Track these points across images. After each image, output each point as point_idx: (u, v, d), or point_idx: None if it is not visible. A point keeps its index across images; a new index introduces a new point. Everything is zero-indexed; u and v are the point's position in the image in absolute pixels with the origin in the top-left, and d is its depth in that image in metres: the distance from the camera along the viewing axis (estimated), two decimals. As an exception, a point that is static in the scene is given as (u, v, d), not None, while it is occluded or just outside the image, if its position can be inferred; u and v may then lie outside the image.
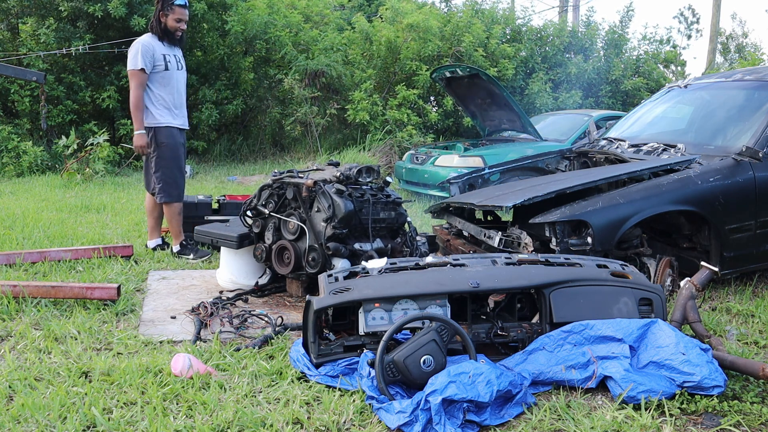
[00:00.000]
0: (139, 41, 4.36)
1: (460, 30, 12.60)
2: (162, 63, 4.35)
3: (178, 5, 4.32)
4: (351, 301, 2.56)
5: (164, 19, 4.34)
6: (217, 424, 2.11)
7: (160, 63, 4.35)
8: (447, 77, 7.86)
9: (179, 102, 4.49)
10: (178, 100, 4.47)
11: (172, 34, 4.39)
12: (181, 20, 4.37)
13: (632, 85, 13.99)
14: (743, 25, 33.35)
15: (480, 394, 2.14)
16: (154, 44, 4.36)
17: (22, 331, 2.91)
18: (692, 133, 4.42)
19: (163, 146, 4.39)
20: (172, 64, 4.41)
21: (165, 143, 4.39)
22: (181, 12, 4.35)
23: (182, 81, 4.54)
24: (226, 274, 3.78)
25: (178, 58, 4.48)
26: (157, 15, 4.37)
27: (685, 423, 2.24)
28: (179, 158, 4.48)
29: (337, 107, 12.33)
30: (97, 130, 10.24)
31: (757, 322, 3.33)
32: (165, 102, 4.39)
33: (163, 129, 4.39)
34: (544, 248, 3.58)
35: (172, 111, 4.42)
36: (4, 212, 5.90)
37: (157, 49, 4.36)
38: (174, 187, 4.44)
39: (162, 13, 4.34)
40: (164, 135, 4.39)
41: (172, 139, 4.40)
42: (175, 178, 4.45)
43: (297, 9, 13.45)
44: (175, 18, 4.34)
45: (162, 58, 4.36)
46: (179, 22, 4.36)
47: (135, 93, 4.32)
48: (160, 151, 4.39)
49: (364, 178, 3.52)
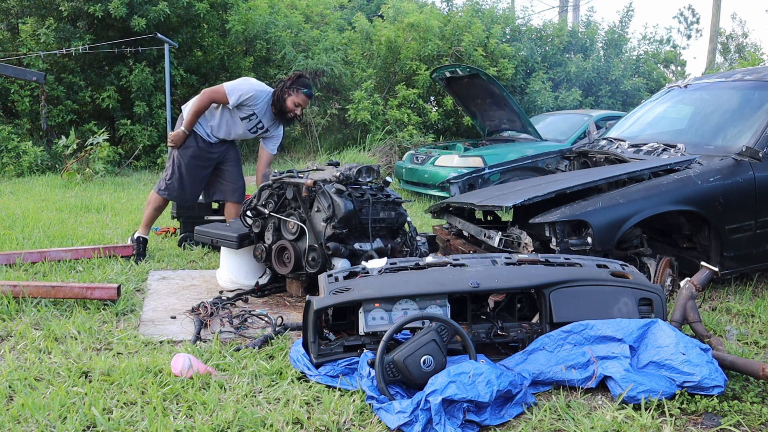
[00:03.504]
0: (257, 88, 4.27)
1: (460, 30, 12.61)
2: (245, 115, 4.30)
3: (305, 93, 4.26)
4: (351, 301, 2.56)
5: (286, 96, 4.25)
6: (217, 424, 2.11)
7: (243, 113, 4.30)
8: (447, 77, 7.86)
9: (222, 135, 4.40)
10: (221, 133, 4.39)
11: (285, 114, 4.31)
12: (300, 106, 4.29)
13: (632, 85, 13.99)
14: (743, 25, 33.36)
15: (480, 394, 2.14)
16: (263, 104, 4.29)
17: (22, 331, 2.90)
18: (692, 133, 4.42)
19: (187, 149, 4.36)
20: (251, 123, 4.34)
21: (190, 149, 4.36)
22: (303, 99, 4.28)
23: (239, 132, 4.42)
24: (226, 274, 3.78)
25: (260, 127, 4.39)
26: (281, 89, 4.27)
27: (685, 423, 2.24)
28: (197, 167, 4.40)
29: (338, 107, 12.33)
30: (97, 130, 10.25)
31: (757, 322, 3.33)
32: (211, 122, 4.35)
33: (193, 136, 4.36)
34: (544, 248, 3.58)
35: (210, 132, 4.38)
36: (4, 212, 5.90)
37: (257, 107, 4.28)
38: (169, 186, 4.42)
39: (287, 90, 4.25)
40: (191, 140, 4.36)
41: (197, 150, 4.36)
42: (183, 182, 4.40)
43: (297, 9, 13.46)
44: (295, 101, 4.26)
45: (250, 113, 4.29)
46: (297, 107, 4.29)
47: (202, 102, 4.24)
48: (182, 152, 4.37)
49: (364, 178, 3.52)
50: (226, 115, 4.35)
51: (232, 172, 4.57)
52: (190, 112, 4.29)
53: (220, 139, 4.44)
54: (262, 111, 4.34)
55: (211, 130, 4.39)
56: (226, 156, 4.53)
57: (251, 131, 4.43)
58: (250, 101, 4.27)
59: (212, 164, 4.49)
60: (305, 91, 4.28)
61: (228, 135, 4.44)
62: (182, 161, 4.39)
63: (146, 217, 4.56)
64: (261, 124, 4.40)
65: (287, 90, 4.26)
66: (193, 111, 4.29)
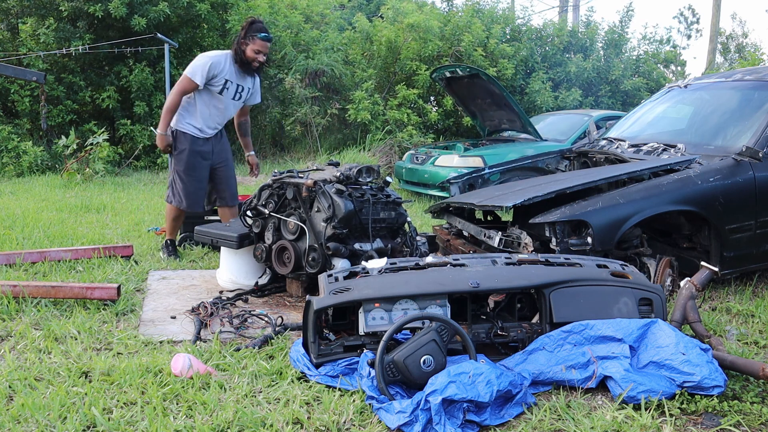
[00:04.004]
0: (212, 56, 4.28)
1: (460, 30, 12.61)
2: (219, 87, 4.28)
3: (261, 38, 4.24)
4: (351, 301, 2.56)
5: (244, 47, 4.25)
6: (217, 424, 2.11)
7: (217, 86, 4.28)
8: (447, 77, 7.86)
9: (214, 123, 4.40)
10: (213, 122, 4.38)
11: (249, 64, 4.29)
12: (260, 52, 4.27)
13: (632, 85, 13.99)
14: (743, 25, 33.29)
15: (480, 394, 2.14)
16: (225, 66, 4.28)
17: (22, 331, 2.91)
18: (692, 133, 4.42)
19: (182, 151, 4.35)
20: (230, 91, 4.32)
21: (184, 149, 4.35)
22: (262, 44, 4.25)
23: (231, 108, 4.43)
24: (226, 274, 3.78)
25: (241, 88, 4.38)
26: (238, 41, 4.28)
27: (685, 423, 2.24)
28: (195, 166, 4.38)
29: (338, 107, 12.33)
30: (97, 130, 10.24)
31: (757, 322, 3.33)
32: (199, 116, 4.34)
33: (184, 134, 4.34)
34: (544, 248, 3.58)
35: (201, 127, 4.35)
36: (4, 212, 5.90)
37: (224, 72, 4.27)
38: (175, 193, 4.41)
39: (243, 41, 4.25)
40: (183, 140, 4.35)
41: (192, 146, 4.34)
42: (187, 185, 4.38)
43: (297, 9, 13.46)
44: (254, 48, 4.24)
45: (223, 81, 4.27)
46: (258, 54, 4.27)
47: (173, 97, 4.26)
48: (178, 154, 4.37)
49: (364, 178, 3.52)
50: (206, 100, 4.32)
51: (228, 175, 4.57)
52: (164, 111, 4.31)
53: (215, 129, 4.42)
54: (231, 73, 4.31)
55: (203, 123, 4.36)
56: (221, 157, 4.50)
57: (237, 99, 4.40)
58: (214, 70, 4.24)
59: (209, 162, 4.44)
60: (261, 36, 4.25)
61: (222, 118, 4.41)
62: (179, 165, 4.38)
63: (168, 227, 4.56)
64: (240, 87, 4.38)
65: (243, 41, 4.26)
66: (165, 109, 4.30)
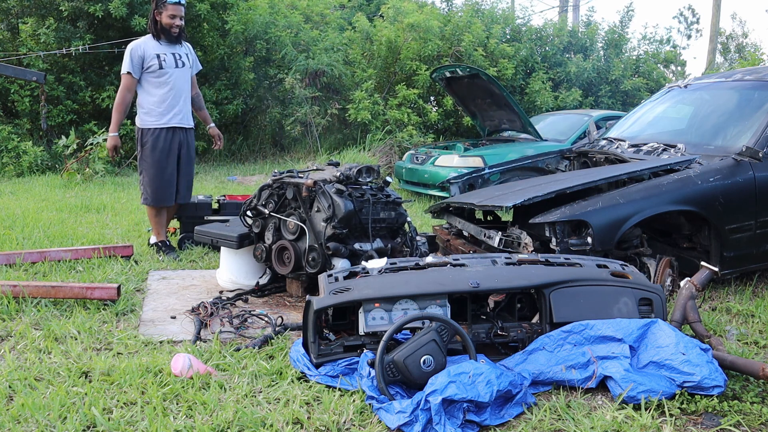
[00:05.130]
0: (130, 45, 4.35)
1: (460, 30, 12.61)
2: (155, 62, 4.32)
3: (171, 2, 4.28)
4: (351, 301, 2.56)
5: (159, 17, 4.33)
6: (217, 424, 2.11)
7: (152, 63, 4.32)
8: (447, 77, 7.86)
9: (176, 101, 4.41)
10: (175, 99, 4.40)
11: (168, 31, 4.35)
12: (175, 16, 4.32)
13: (632, 85, 13.99)
14: (743, 25, 33.31)
15: (480, 394, 2.14)
16: (146, 46, 4.33)
17: (22, 331, 2.91)
18: (692, 133, 4.41)
19: (146, 148, 4.39)
20: (168, 62, 4.36)
21: (147, 145, 4.38)
22: (174, 8, 4.31)
23: (183, 78, 4.46)
24: (226, 274, 3.78)
25: (178, 56, 4.42)
26: (152, 15, 4.37)
27: (685, 423, 2.24)
28: (162, 161, 4.39)
29: (338, 107, 12.33)
30: (97, 130, 10.24)
31: (757, 322, 3.33)
32: (155, 103, 4.35)
33: (147, 131, 4.38)
34: (544, 248, 3.58)
35: (163, 111, 4.37)
36: (4, 212, 5.90)
37: (149, 50, 4.32)
38: (151, 189, 4.41)
39: (156, 12, 4.33)
40: (147, 136, 4.38)
41: (156, 142, 4.36)
42: (152, 180, 4.39)
43: (297, 9, 13.46)
44: (168, 15, 4.30)
45: (155, 57, 4.32)
46: (173, 18, 4.31)
47: (119, 95, 4.36)
48: (142, 152, 4.40)
49: (364, 178, 3.52)
50: (153, 86, 4.36)
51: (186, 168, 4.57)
52: (113, 112, 4.39)
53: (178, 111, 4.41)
54: (157, 47, 4.36)
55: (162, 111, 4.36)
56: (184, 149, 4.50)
57: (181, 66, 4.43)
58: (139, 52, 4.30)
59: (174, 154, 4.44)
60: (171, 1, 4.28)
61: (179, 96, 4.42)
62: (144, 160, 4.41)
63: (153, 226, 4.58)
64: (176, 54, 4.41)
65: (156, 11, 4.34)
66: (115, 110, 4.38)
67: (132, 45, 4.34)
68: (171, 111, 4.41)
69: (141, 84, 4.38)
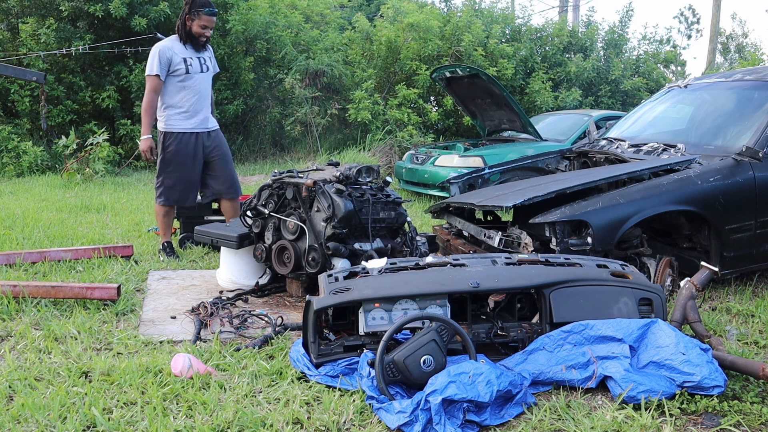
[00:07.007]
0: (157, 46, 4.31)
1: (460, 30, 12.60)
2: (182, 66, 4.30)
3: (206, 12, 4.27)
4: (351, 301, 2.56)
5: (190, 23, 4.29)
6: (217, 424, 2.11)
7: (179, 67, 4.30)
8: (447, 77, 7.86)
9: (199, 105, 4.41)
10: (198, 104, 4.40)
11: (196, 39, 4.34)
12: (207, 27, 4.31)
13: (632, 85, 13.98)
14: (743, 25, 33.36)
15: (480, 394, 2.14)
16: (174, 48, 4.31)
17: (22, 331, 2.91)
18: (692, 133, 4.41)
19: (169, 151, 4.37)
20: (194, 66, 4.35)
21: (171, 149, 4.37)
22: (208, 19, 4.30)
23: (206, 82, 4.46)
24: (226, 274, 3.78)
25: (203, 60, 4.41)
26: (183, 18, 4.31)
27: (685, 423, 2.24)
28: (188, 164, 4.40)
29: (338, 107, 12.33)
30: (97, 130, 10.24)
31: (757, 322, 3.33)
32: (179, 107, 4.35)
33: (170, 134, 4.37)
34: (544, 248, 3.58)
35: (187, 116, 4.37)
36: (4, 212, 5.90)
37: (177, 53, 4.31)
38: (173, 192, 4.42)
39: (188, 17, 4.29)
40: (170, 140, 4.37)
41: (180, 145, 4.37)
42: (177, 182, 4.40)
43: (297, 9, 13.45)
44: (201, 24, 4.29)
45: (182, 62, 4.30)
46: (205, 29, 4.31)
47: (146, 97, 4.31)
48: (164, 155, 4.39)
49: (364, 178, 3.52)
50: (177, 89, 4.34)
51: (221, 166, 4.54)
52: (143, 115, 4.35)
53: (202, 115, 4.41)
54: (184, 51, 4.34)
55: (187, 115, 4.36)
56: (214, 150, 4.50)
57: (205, 71, 4.42)
58: (167, 54, 4.27)
59: (199, 158, 4.44)
60: (207, 11, 4.28)
61: (202, 100, 4.41)
62: (168, 163, 4.39)
63: (161, 226, 4.57)
64: (201, 59, 4.39)
65: (189, 17, 4.30)
66: (143, 111, 4.35)
67: (160, 46, 4.30)
68: (196, 115, 4.41)
69: (165, 86, 4.34)
